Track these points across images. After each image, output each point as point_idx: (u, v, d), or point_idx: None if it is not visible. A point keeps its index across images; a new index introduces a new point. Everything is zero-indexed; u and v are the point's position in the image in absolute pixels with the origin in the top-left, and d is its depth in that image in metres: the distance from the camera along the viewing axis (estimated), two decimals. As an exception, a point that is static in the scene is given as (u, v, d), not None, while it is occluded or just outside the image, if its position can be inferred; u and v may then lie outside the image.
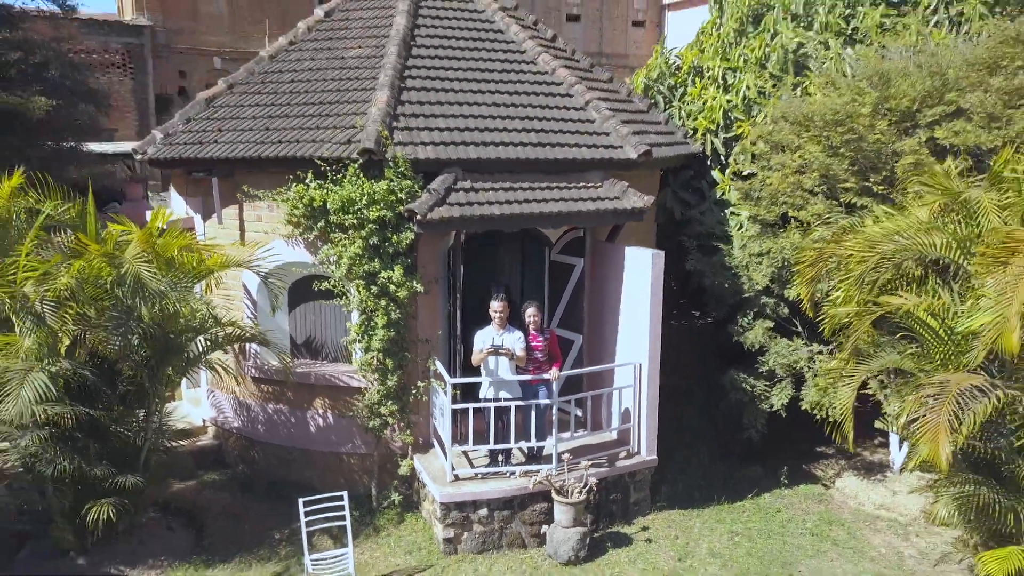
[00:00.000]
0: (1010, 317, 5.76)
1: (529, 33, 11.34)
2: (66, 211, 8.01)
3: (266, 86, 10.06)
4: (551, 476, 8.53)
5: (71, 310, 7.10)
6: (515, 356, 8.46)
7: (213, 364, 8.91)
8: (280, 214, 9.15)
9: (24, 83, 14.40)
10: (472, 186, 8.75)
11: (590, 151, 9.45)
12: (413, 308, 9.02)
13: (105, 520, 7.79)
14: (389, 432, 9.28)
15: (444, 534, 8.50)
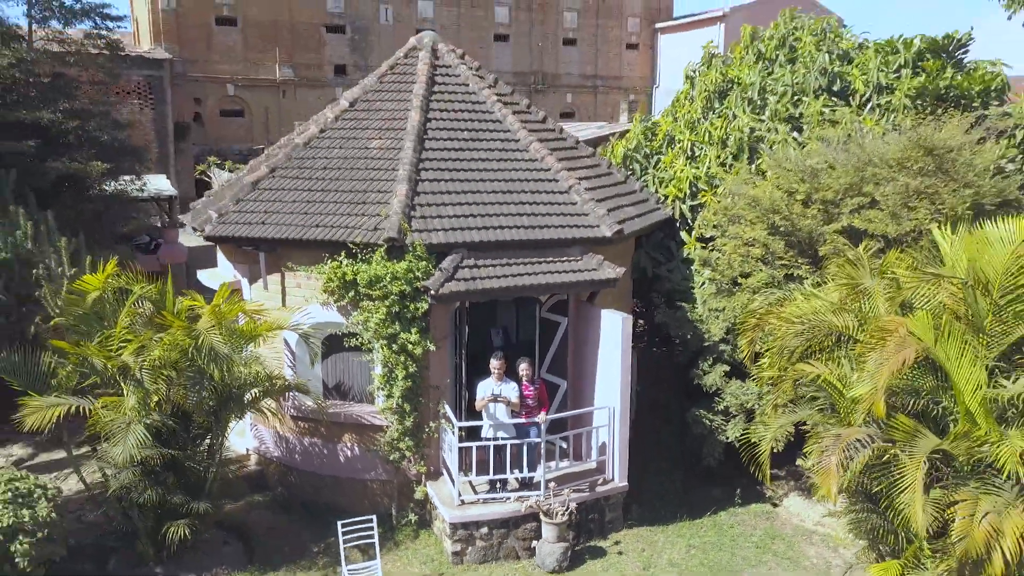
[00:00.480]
0: (879, 388, 7.68)
1: (522, 118, 13.28)
2: (149, 291, 9.94)
3: (303, 171, 11.97)
4: (539, 501, 10.46)
5: (162, 375, 9.03)
6: (511, 403, 10.41)
7: (261, 407, 10.85)
8: (317, 283, 11.08)
9: (79, 147, 16.40)
10: (475, 263, 10.68)
11: (572, 230, 11.38)
12: (426, 361, 10.95)
13: (179, 541, 9.73)
14: (406, 463, 11.21)
15: (452, 548, 10.44)
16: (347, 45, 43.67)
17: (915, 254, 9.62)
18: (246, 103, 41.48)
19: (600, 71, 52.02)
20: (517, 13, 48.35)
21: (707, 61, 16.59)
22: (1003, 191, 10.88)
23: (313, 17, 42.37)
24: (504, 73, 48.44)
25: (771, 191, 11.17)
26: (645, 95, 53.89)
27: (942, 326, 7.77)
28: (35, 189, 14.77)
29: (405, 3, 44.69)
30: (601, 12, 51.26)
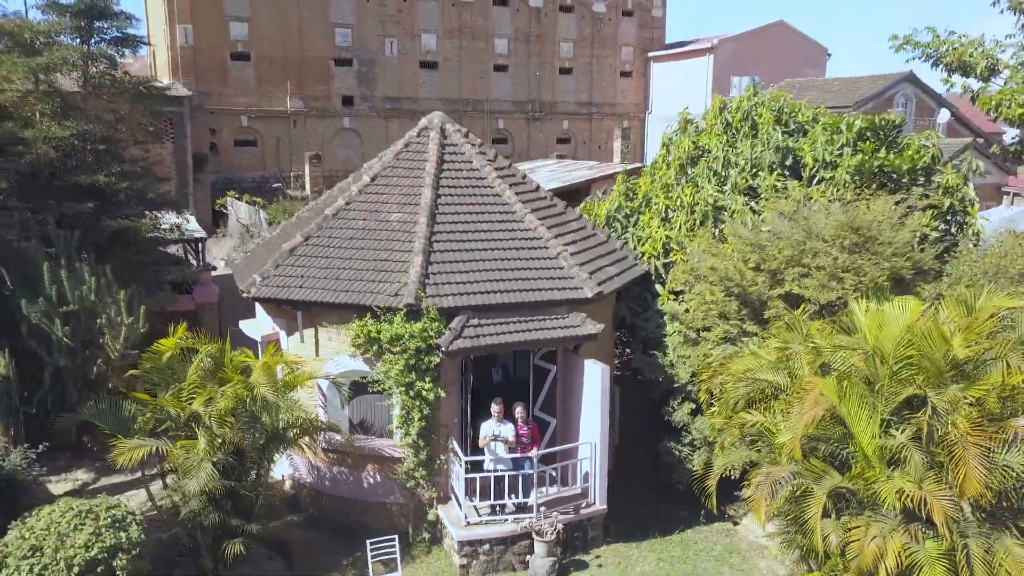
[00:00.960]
0: (797, 437, 9.76)
1: (518, 189, 15.42)
2: (211, 350, 12.03)
3: (332, 240, 14.08)
4: (532, 523, 12.55)
5: (227, 421, 11.12)
6: (508, 441, 12.51)
7: (299, 443, 12.94)
8: (346, 337, 13.17)
9: (127, 204, 18.54)
10: (479, 323, 12.78)
11: (559, 292, 13.48)
12: (437, 404, 13.02)
13: (234, 556, 11.79)
14: (420, 489, 13.29)
15: (460, 562, 12.52)
16: (354, 77, 45.88)
17: (843, 318, 11.71)
18: (259, 133, 43.68)
19: (595, 98, 54.27)
20: (516, 44, 50.58)
21: (683, 127, 18.72)
22: (918, 262, 13.00)
23: (322, 51, 44.60)
24: (504, 102, 50.81)
25: (726, 261, 13.27)
26: (639, 121, 56.14)
27: (846, 388, 9.87)
28: (93, 244, 16.90)
29: (409, 37, 46.93)
30: (596, 42, 53.51)
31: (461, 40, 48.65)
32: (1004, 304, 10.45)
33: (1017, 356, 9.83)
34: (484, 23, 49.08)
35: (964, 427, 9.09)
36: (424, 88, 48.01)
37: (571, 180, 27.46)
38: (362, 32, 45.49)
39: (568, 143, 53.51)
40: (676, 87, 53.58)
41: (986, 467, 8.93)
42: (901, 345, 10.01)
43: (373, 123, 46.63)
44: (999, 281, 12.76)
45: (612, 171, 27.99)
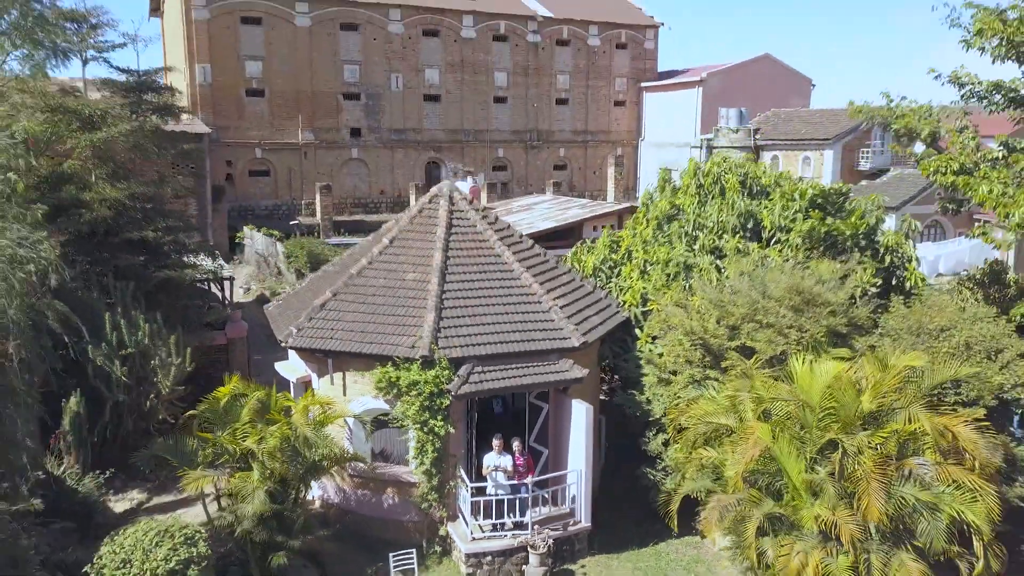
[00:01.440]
0: (739, 472, 12.09)
1: (515, 249, 17.79)
2: (260, 395, 14.37)
3: (356, 296, 16.43)
4: (527, 538, 14.88)
5: (276, 456, 13.47)
6: (507, 471, 14.85)
7: (331, 471, 15.26)
8: (370, 380, 15.52)
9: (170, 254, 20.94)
10: (483, 370, 15.14)
11: (550, 342, 15.84)
12: (447, 438, 15.37)
13: (278, 565, 14.10)
14: (432, 509, 15.61)
15: (466, 571, 14.84)
16: (361, 110, 48.36)
17: (787, 369, 14.04)
18: (272, 164, 46.13)
19: (590, 127, 56.82)
20: (515, 77, 53.09)
21: (661, 187, 21.09)
22: (853, 319, 15.37)
23: (331, 87, 47.09)
24: (503, 131, 53.29)
25: (692, 314, 15.64)
26: (632, 147, 58.61)
27: (778, 432, 12.23)
28: (143, 293, 19.26)
29: (414, 72, 49.43)
30: (591, 74, 56.04)
31: (463, 74, 51.18)
32: (910, 363, 12.82)
33: (917, 407, 12.20)
34: (485, 58, 51.62)
35: (868, 466, 11.45)
36: (428, 120, 50.51)
37: (565, 220, 29.87)
38: (369, 68, 48.02)
39: (564, 169, 56.03)
40: (667, 115, 56.15)
41: (885, 497, 11.28)
42: (824, 398, 12.39)
43: (380, 153, 49.11)
44: (920, 335, 15.13)
45: (603, 211, 30.39)
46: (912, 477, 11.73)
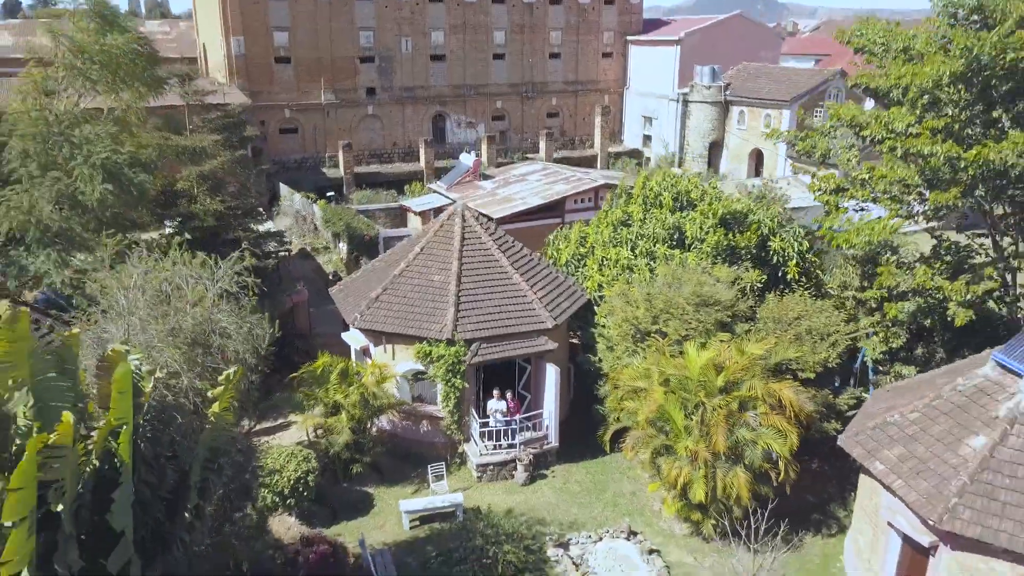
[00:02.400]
0: (644, 417, 19.58)
1: (510, 253, 24.78)
2: (342, 364, 21.75)
3: (398, 291, 23.56)
4: (516, 454, 22.64)
5: (355, 405, 21.00)
6: (503, 411, 22.49)
7: (388, 411, 22.85)
8: (410, 351, 22.90)
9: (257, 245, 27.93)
10: (487, 346, 22.49)
11: (532, 325, 23.11)
12: (463, 390, 22.87)
13: (356, 472, 21.86)
14: (453, 435, 23.30)
15: (476, 475, 22.67)
16: (376, 71, 53.97)
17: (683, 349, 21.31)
18: (299, 122, 52.19)
19: (580, 77, 62.24)
20: (512, 35, 58.26)
21: (620, 194, 27.81)
22: (736, 312, 22.54)
23: (349, 52, 52.57)
24: (501, 85, 58.92)
25: (628, 305, 22.81)
26: (618, 95, 64.15)
27: (668, 394, 19.64)
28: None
29: (421, 35, 54.72)
30: (581, 29, 61.07)
31: (464, 35, 56.40)
32: (755, 351, 20.13)
33: (755, 380, 19.56)
34: (484, 19, 56.69)
35: (719, 417, 18.93)
36: (433, 77, 56.12)
37: (550, 196, 36.58)
38: (382, 33, 53.31)
39: (556, 117, 61.85)
40: (650, 68, 61.51)
41: (727, 436, 18.80)
42: (699, 374, 19.76)
43: (392, 109, 55.04)
44: (780, 323, 22.36)
45: (582, 188, 37.03)
46: (746, 424, 19.28)
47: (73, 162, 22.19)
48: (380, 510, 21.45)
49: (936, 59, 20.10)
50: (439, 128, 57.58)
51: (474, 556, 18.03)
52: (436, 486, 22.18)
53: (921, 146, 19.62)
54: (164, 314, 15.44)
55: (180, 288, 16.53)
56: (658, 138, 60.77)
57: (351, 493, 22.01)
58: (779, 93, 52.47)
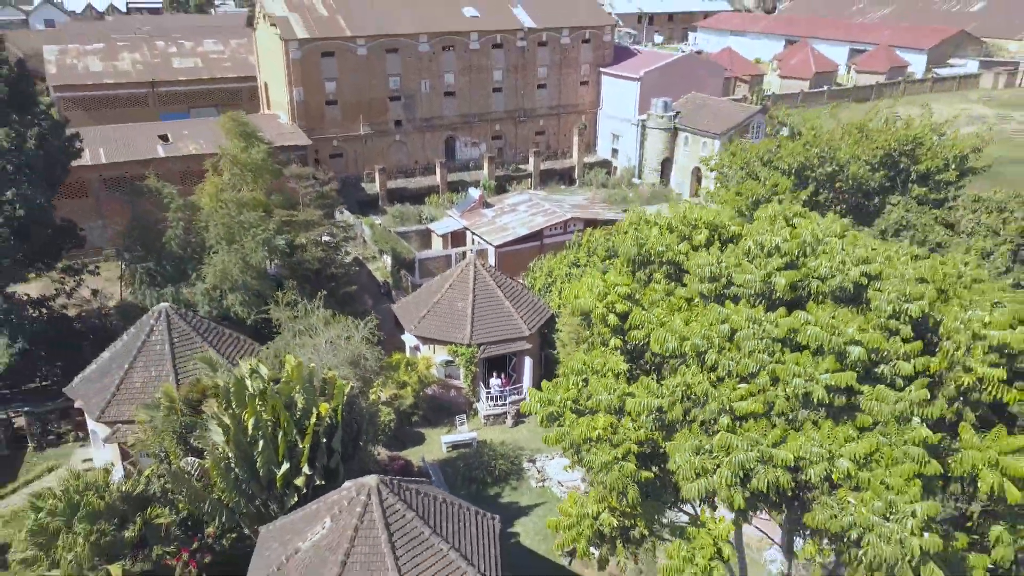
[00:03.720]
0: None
1: (503, 286, 39.57)
2: (403, 358, 36.78)
3: (437, 312, 38.41)
4: (507, 408, 37.94)
5: (415, 383, 36.13)
6: (499, 385, 37.77)
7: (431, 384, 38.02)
8: (445, 349, 37.91)
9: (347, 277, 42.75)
10: (489, 347, 37.53)
11: (515, 333, 38.05)
12: (476, 371, 37.98)
13: (414, 420, 37.09)
14: (470, 398, 38.53)
15: (483, 421, 38.03)
16: (401, 108, 67.76)
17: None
18: (344, 149, 66.22)
19: (562, 102, 75.71)
20: (507, 73, 71.76)
21: (576, 242, 42.38)
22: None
23: (381, 94, 66.25)
24: (499, 112, 72.71)
25: (570, 318, 37.62)
26: (593, 115, 77.81)
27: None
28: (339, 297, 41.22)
29: (436, 78, 68.29)
30: (563, 64, 74.46)
31: (470, 75, 69.88)
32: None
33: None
34: (486, 62, 70.10)
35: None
36: (446, 109, 69.85)
37: (533, 226, 51.10)
38: (406, 79, 66.88)
39: (543, 134, 75.68)
40: (617, 95, 75.07)
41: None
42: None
43: (414, 136, 68.95)
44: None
45: (556, 220, 51.45)
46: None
47: (245, 238, 36.84)
48: (429, 442, 36.78)
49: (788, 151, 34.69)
50: (450, 147, 71.48)
51: (482, 465, 33.41)
52: (460, 428, 37.49)
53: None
54: (337, 348, 30.42)
55: (340, 335, 31.43)
56: (623, 152, 74.62)
57: (412, 433, 37.32)
58: (714, 126, 66.25)
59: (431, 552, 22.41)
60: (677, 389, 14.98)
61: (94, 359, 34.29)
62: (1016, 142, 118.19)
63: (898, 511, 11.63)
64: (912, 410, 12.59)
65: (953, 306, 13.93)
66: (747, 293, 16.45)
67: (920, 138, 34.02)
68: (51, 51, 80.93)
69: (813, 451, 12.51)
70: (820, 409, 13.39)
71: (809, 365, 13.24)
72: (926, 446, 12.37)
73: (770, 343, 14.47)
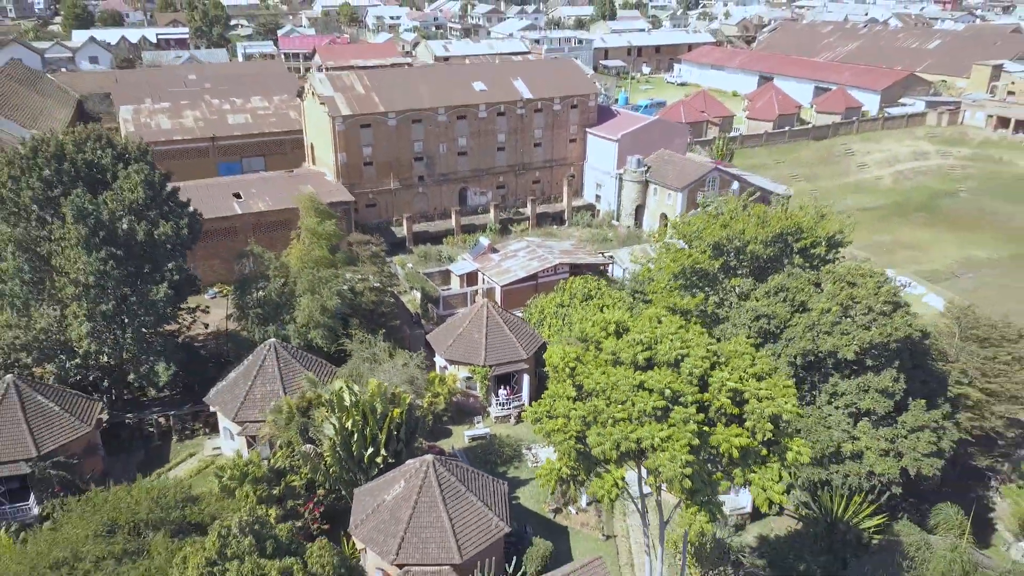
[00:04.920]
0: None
1: (507, 321, 53.08)
2: (435, 375, 50.31)
3: (461, 341, 51.86)
4: (511, 411, 51.47)
5: (446, 391, 49.66)
6: (506, 393, 51.37)
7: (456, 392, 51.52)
8: (467, 368, 51.34)
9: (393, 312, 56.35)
10: (497, 368, 51.03)
11: (516, 356, 51.36)
12: (488, 383, 51.43)
13: (444, 419, 50.61)
14: (484, 403, 52.02)
15: (494, 421, 51.52)
16: (424, 166, 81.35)
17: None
18: (377, 200, 79.73)
19: (554, 156, 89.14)
20: (509, 135, 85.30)
21: (562, 287, 55.88)
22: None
23: (407, 155, 79.80)
24: (502, 166, 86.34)
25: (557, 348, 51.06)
26: (580, 166, 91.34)
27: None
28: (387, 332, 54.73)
29: (451, 141, 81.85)
30: (555, 125, 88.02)
31: (479, 138, 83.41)
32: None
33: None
34: (492, 127, 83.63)
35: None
36: (459, 165, 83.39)
37: (530, 270, 64.58)
38: (427, 143, 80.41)
39: (538, 183, 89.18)
40: (600, 151, 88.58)
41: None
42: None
43: (433, 188, 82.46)
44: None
45: (547, 265, 64.90)
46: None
47: (323, 290, 50.33)
48: (455, 435, 50.20)
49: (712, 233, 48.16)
50: (463, 196, 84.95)
51: (494, 452, 46.91)
52: (477, 425, 50.98)
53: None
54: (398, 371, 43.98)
55: (401, 363, 44.97)
56: (605, 199, 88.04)
57: (442, 429, 50.78)
58: (676, 182, 79.70)
59: (467, 502, 35.95)
60: (593, 407, 28.07)
61: (220, 377, 47.89)
62: (952, 176, 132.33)
63: (676, 458, 25.09)
64: (691, 417, 26.02)
65: (717, 371, 27.72)
66: (627, 360, 29.86)
67: (800, 223, 47.10)
68: (127, 111, 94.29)
69: (646, 435, 25.51)
70: (651, 417, 26.51)
71: (649, 397, 26.31)
72: (698, 434, 25.89)
73: (633, 387, 27.58)
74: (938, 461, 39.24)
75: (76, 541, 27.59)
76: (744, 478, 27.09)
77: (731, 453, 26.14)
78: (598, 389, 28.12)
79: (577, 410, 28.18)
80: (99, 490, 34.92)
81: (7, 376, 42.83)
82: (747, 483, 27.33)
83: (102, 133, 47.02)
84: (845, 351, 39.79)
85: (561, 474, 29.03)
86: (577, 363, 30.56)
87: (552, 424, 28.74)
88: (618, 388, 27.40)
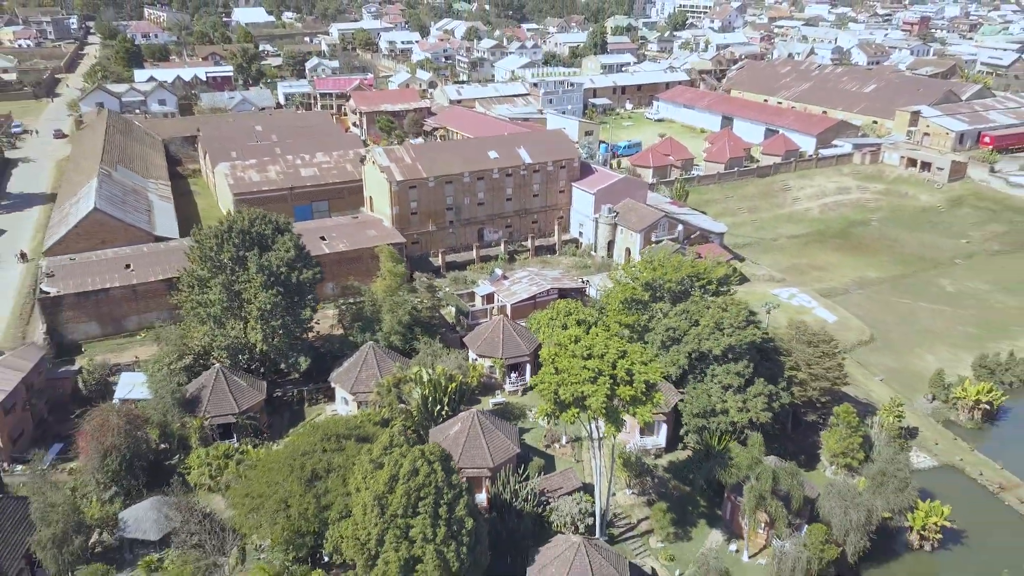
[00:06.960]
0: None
1: (516, 329, 78.33)
2: (471, 366, 75.63)
3: (487, 341, 77.13)
4: (519, 387, 76.83)
5: (479, 375, 75.03)
6: (515, 377, 76.85)
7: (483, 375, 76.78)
8: (490, 360, 76.54)
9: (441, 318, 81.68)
10: (509, 359, 76.34)
11: (522, 351, 76.58)
12: (504, 369, 76.67)
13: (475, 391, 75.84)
14: (501, 382, 77.23)
15: (509, 393, 76.89)
16: (454, 214, 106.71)
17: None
18: (419, 238, 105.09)
19: (547, 204, 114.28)
20: (514, 189, 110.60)
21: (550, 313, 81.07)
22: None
23: (441, 206, 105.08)
24: (509, 211, 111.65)
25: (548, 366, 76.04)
26: (567, 211, 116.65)
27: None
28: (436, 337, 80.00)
29: (473, 195, 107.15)
30: (548, 181, 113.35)
31: (493, 192, 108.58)
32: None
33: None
34: (502, 184, 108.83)
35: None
36: (479, 212, 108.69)
37: (530, 293, 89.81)
38: (456, 197, 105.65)
39: (536, 223, 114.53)
40: (582, 200, 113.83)
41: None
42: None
43: (460, 228, 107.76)
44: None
45: (544, 288, 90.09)
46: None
47: (399, 310, 75.63)
48: (482, 403, 75.40)
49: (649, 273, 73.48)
50: (481, 234, 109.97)
51: (508, 412, 72.20)
52: (497, 396, 76.22)
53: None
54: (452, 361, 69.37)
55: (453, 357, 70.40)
56: (586, 236, 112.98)
57: (474, 398, 75.81)
58: (637, 225, 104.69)
59: (495, 435, 61.58)
60: (562, 378, 53.28)
61: (336, 366, 73.26)
62: (867, 207, 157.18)
63: (598, 400, 50.72)
64: (607, 382, 51.36)
65: (621, 360, 53.37)
66: (579, 354, 55.34)
67: (698, 269, 72.33)
68: (224, 167, 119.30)
69: (586, 390, 50.60)
70: (588, 381, 51.74)
71: (587, 373, 51.48)
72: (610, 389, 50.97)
73: (580, 368, 53.01)
74: (768, 414, 64.54)
75: (306, 444, 52.81)
76: (633, 411, 52.50)
77: (625, 398, 51.57)
78: (564, 368, 53.47)
79: (554, 379, 53.52)
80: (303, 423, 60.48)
81: (215, 364, 68.47)
82: (635, 413, 52.69)
83: (265, 214, 72.28)
84: (716, 349, 65.11)
85: (546, 410, 54.37)
86: (555, 356, 55.75)
87: (542, 387, 54.10)
88: (573, 368, 52.76)
